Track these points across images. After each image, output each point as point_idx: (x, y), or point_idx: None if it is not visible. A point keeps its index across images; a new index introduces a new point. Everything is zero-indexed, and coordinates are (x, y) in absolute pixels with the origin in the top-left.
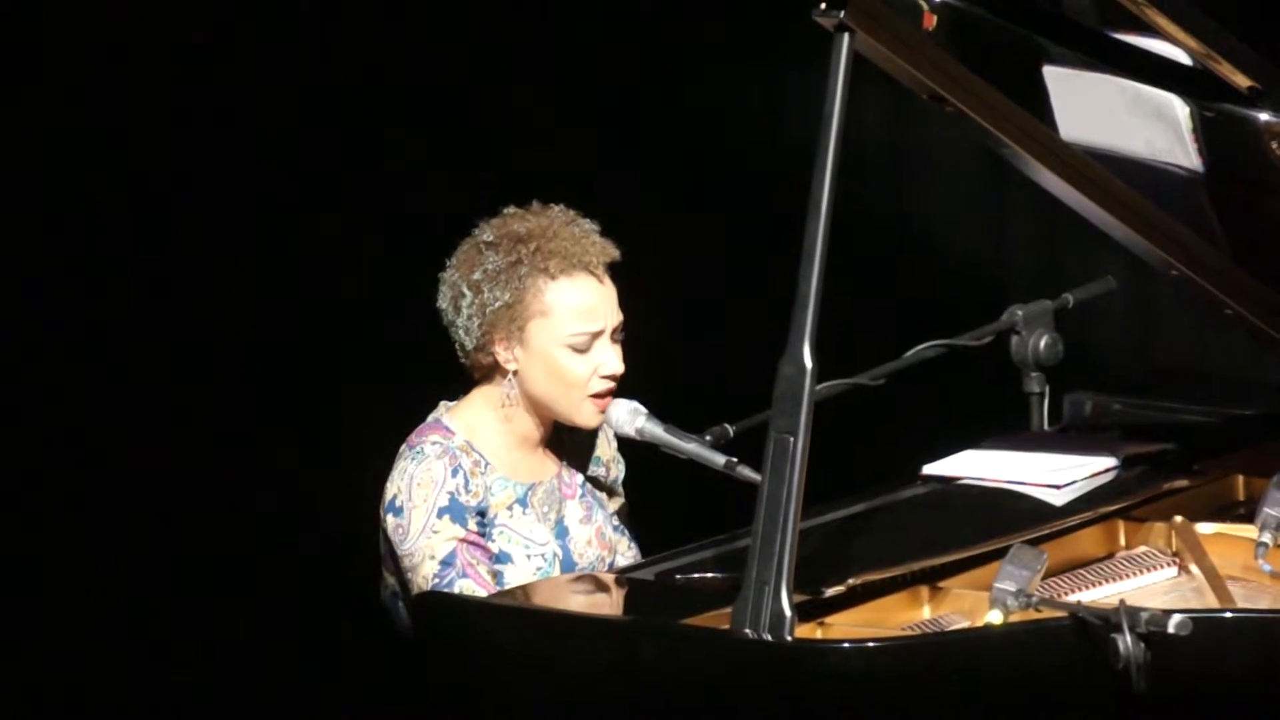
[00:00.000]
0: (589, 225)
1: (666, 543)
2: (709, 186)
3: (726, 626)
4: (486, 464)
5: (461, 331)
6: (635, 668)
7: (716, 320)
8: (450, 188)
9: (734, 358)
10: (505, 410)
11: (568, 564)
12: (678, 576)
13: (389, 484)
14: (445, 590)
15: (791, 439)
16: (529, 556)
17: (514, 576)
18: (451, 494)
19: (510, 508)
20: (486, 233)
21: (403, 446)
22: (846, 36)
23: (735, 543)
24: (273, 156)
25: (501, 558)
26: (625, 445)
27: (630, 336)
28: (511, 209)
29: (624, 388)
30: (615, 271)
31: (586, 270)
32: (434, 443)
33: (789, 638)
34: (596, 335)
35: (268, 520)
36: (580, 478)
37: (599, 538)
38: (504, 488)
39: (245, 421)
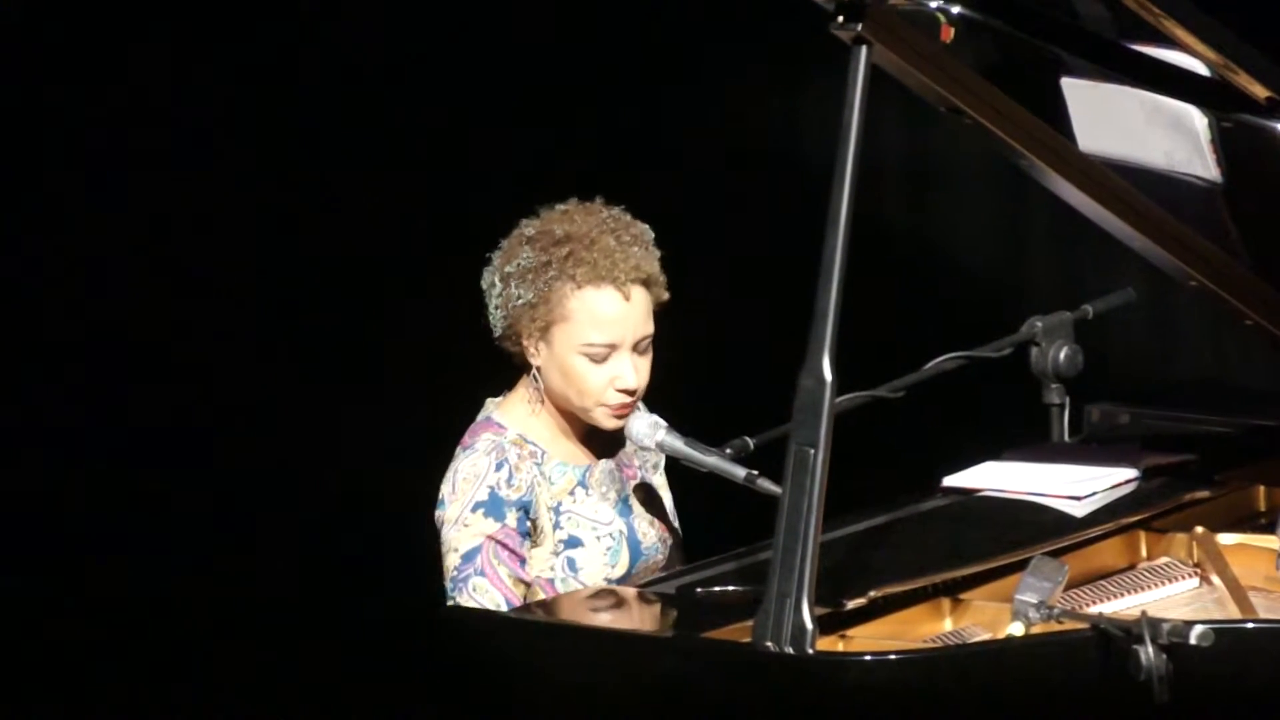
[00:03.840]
0: (636, 232)
1: (688, 556)
2: (727, 199)
3: (748, 640)
4: (544, 453)
5: (491, 318)
6: (656, 681)
7: (736, 333)
8: (453, 188)
9: (754, 370)
10: (534, 405)
11: (633, 542)
12: (699, 590)
13: (443, 483)
14: (463, 597)
15: (812, 451)
16: (598, 538)
17: (585, 560)
18: (492, 488)
19: (573, 492)
20: (529, 228)
21: (457, 448)
22: (864, 49)
23: (756, 555)
24: (274, 156)
25: (571, 542)
26: None
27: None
28: (563, 206)
29: (644, 400)
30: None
31: (613, 285)
32: (486, 439)
33: (810, 651)
34: (613, 348)
35: (273, 524)
36: (638, 460)
37: (662, 520)
38: (563, 473)
39: (246, 421)
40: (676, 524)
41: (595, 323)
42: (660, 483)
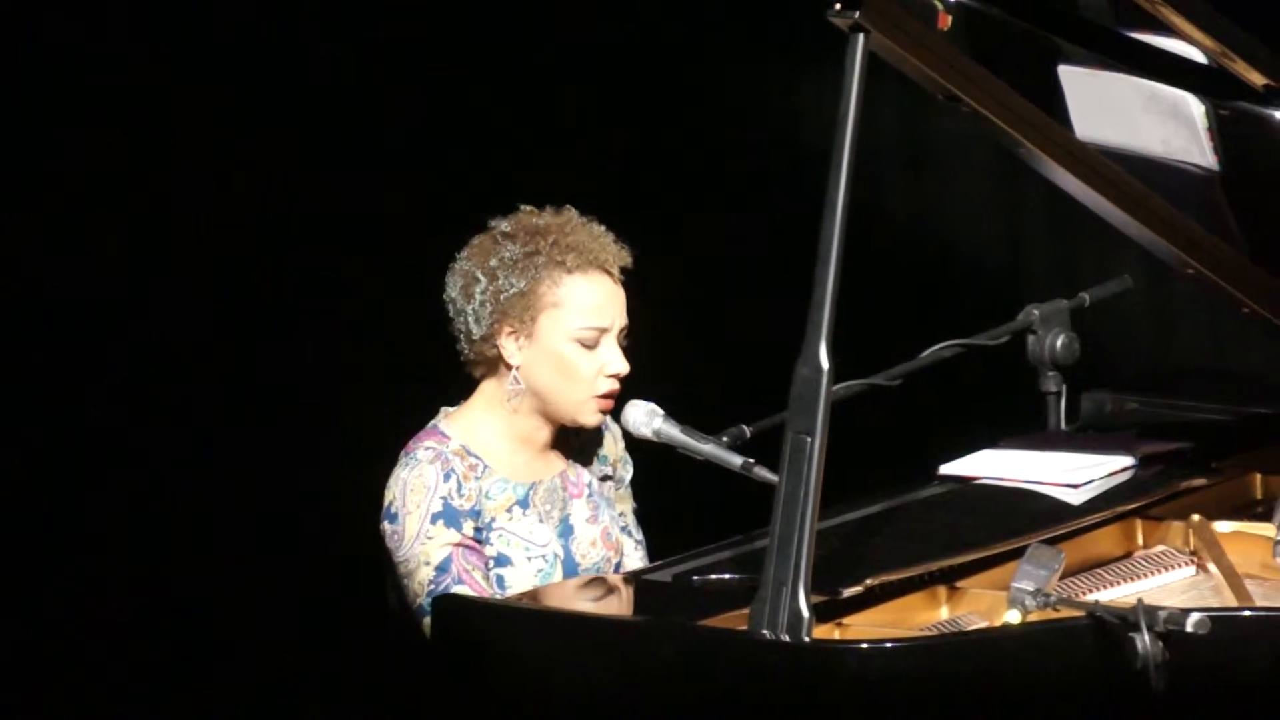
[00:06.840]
0: (602, 229)
1: (684, 544)
2: (725, 187)
3: (744, 627)
4: (485, 467)
5: (471, 319)
6: (653, 669)
7: (732, 320)
8: (452, 188)
9: (751, 358)
10: (510, 405)
11: (569, 564)
12: (695, 578)
13: (386, 491)
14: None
15: (809, 439)
16: (529, 559)
17: (514, 579)
18: (445, 499)
19: (510, 510)
20: (503, 225)
21: (401, 453)
22: (862, 37)
23: (753, 544)
24: (271, 156)
25: (501, 560)
26: (643, 446)
27: (645, 337)
28: (528, 207)
29: (639, 389)
30: (626, 274)
31: (601, 269)
32: (427, 448)
33: (807, 638)
34: (604, 332)
35: (269, 519)
36: (587, 477)
37: (604, 538)
38: (503, 490)
39: (245, 421)
40: (631, 538)
41: (588, 307)
42: (619, 496)
